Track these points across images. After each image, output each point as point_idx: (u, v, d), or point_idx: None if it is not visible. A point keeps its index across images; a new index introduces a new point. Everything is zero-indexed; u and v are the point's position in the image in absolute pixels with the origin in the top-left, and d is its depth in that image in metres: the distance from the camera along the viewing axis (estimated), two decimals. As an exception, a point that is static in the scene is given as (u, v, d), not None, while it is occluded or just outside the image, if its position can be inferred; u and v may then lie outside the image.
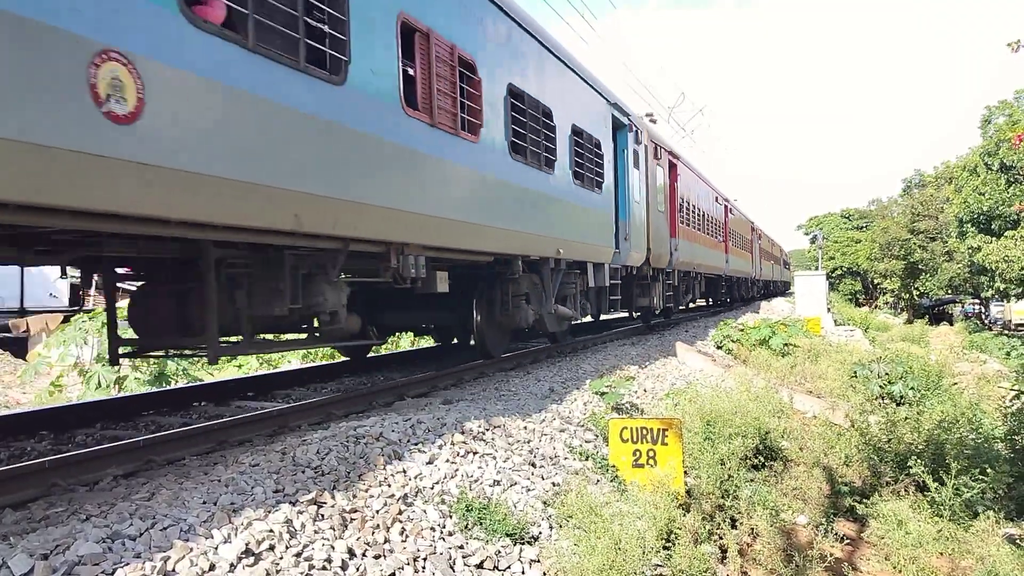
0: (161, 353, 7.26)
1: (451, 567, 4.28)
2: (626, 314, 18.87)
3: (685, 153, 22.07)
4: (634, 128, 15.02)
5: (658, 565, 5.15)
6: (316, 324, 7.14)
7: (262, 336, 7.16)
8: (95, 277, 7.12)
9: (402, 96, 6.86)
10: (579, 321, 14.69)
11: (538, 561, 4.69)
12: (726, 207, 29.55)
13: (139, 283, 6.77)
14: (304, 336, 7.42)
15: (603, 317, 16.47)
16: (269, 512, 4.05)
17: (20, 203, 3.70)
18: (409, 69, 7.22)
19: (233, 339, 6.47)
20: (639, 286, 16.48)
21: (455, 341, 13.69)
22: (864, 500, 8.11)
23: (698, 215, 22.55)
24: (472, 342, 11.66)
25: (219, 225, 4.98)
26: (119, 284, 7.23)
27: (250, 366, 15.76)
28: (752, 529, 6.54)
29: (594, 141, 12.64)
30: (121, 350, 6.66)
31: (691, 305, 26.39)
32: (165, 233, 4.76)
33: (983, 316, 58.17)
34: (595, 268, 12.84)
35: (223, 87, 4.81)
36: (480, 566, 4.42)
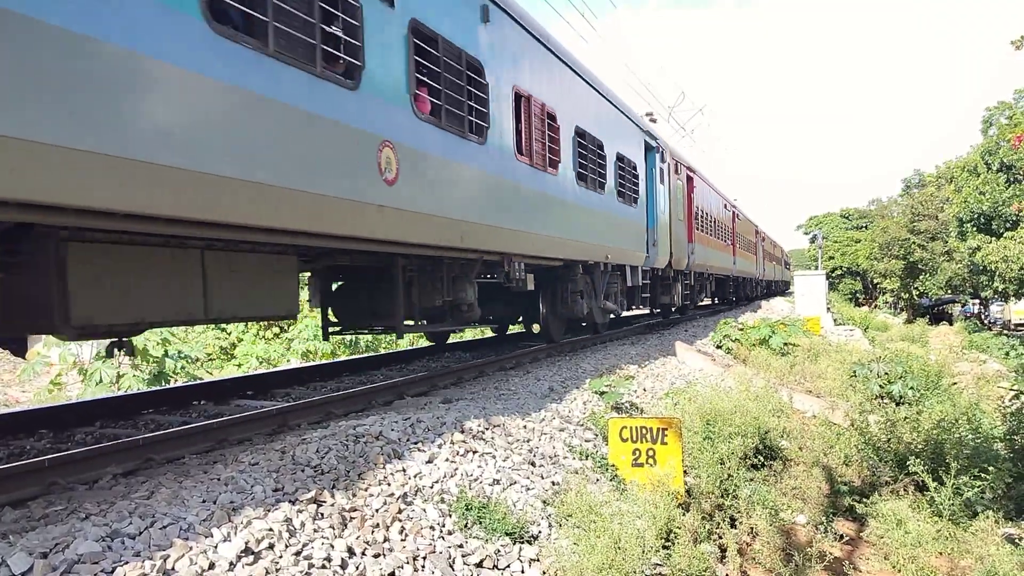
0: (358, 331, 9.36)
1: (450, 566, 4.28)
2: (647, 311, 21.25)
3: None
4: (660, 149, 17.54)
5: (657, 564, 5.15)
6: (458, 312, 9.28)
7: (423, 321, 9.46)
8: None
9: (515, 146, 9.50)
10: (619, 316, 16.97)
11: (537, 560, 4.69)
12: (733, 213, 31.45)
13: (339, 283, 8.92)
14: (447, 321, 9.50)
15: (624, 313, 17.94)
16: (269, 511, 4.05)
17: (336, 234, 6.09)
18: (517, 124, 9.71)
19: (408, 322, 8.47)
20: (662, 285, 18.54)
21: (516, 330, 16.11)
22: (863, 500, 8.12)
23: (710, 221, 24.75)
24: (536, 330, 14.51)
25: (414, 243, 7.29)
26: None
27: (249, 365, 15.77)
28: (751, 528, 6.54)
29: (632, 164, 15.23)
30: (331, 329, 8.88)
31: (704, 302, 28.88)
32: (400, 251, 7.39)
33: (982, 316, 58.19)
34: (631, 270, 15.25)
35: (440, 160, 7.61)
36: (479, 565, 4.43)
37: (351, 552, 3.98)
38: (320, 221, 5.81)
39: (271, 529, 3.83)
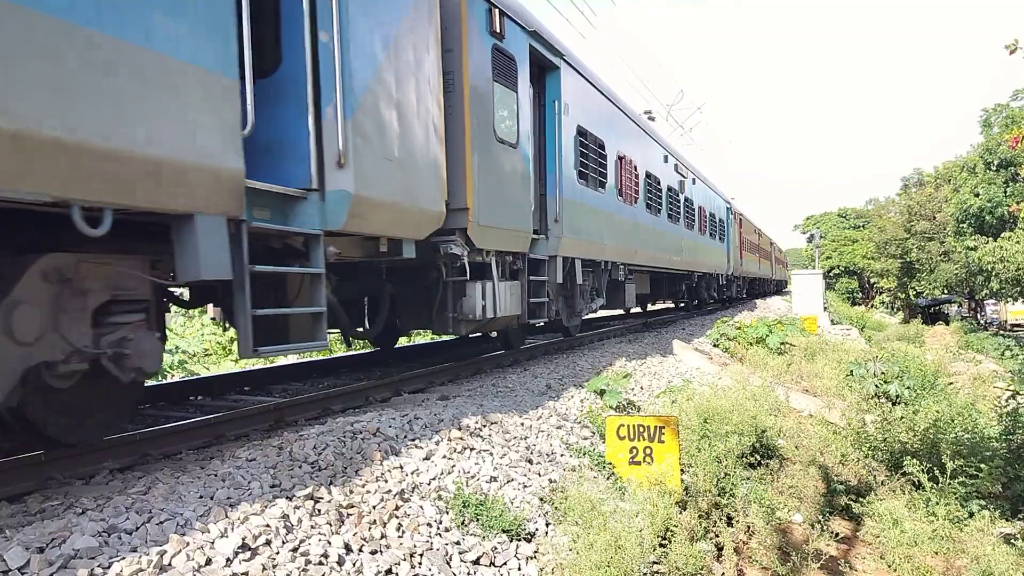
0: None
1: (447, 563, 4.28)
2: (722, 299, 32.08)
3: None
4: (730, 205, 31.72)
5: (654, 563, 5.15)
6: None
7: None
8: None
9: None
10: (712, 302, 29.44)
11: (535, 557, 4.69)
12: (758, 232, 43.59)
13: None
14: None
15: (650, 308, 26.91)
16: (266, 507, 4.04)
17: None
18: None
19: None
20: (727, 285, 31.21)
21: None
22: (859, 499, 8.13)
23: (747, 243, 37.79)
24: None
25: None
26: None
27: (248, 360, 15.74)
28: (748, 527, 6.54)
29: (718, 218, 27.82)
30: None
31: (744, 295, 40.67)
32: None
33: (978, 316, 58.26)
34: (719, 276, 28.52)
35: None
36: (476, 562, 4.42)
37: (348, 549, 3.97)
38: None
39: (268, 525, 3.83)
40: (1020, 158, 29.98)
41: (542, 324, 12.54)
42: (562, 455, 6.61)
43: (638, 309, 23.47)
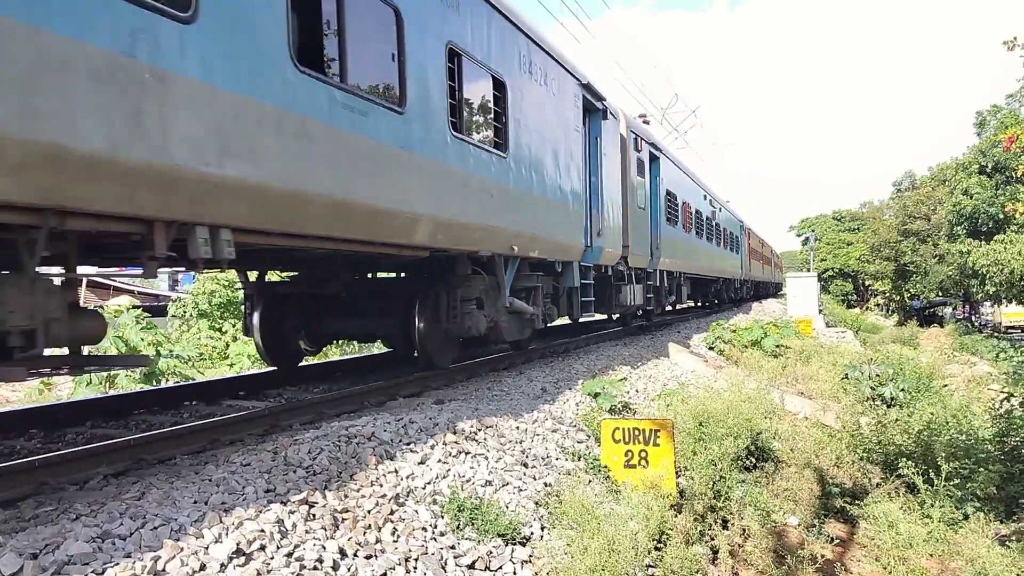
0: None
1: (443, 567, 4.28)
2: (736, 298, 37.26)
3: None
4: (743, 223, 37.04)
5: (650, 566, 5.15)
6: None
7: None
8: None
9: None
10: (729, 301, 33.84)
11: (530, 561, 4.69)
12: (762, 243, 50.07)
13: None
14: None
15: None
16: (260, 512, 4.03)
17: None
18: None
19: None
20: (740, 288, 36.52)
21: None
22: (855, 501, 8.14)
23: (754, 252, 43.93)
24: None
25: None
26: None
27: (242, 365, 15.71)
28: (743, 530, 6.55)
29: (735, 235, 33.62)
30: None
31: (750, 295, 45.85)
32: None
33: (972, 318, 58.41)
34: (739, 282, 34.67)
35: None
36: (472, 566, 4.42)
37: (343, 553, 3.97)
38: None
39: (263, 530, 3.82)
40: (1013, 160, 30.11)
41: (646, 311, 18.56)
42: (557, 459, 6.61)
43: (689, 303, 29.21)
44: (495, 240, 8.91)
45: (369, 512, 4.49)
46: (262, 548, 3.70)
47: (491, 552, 4.61)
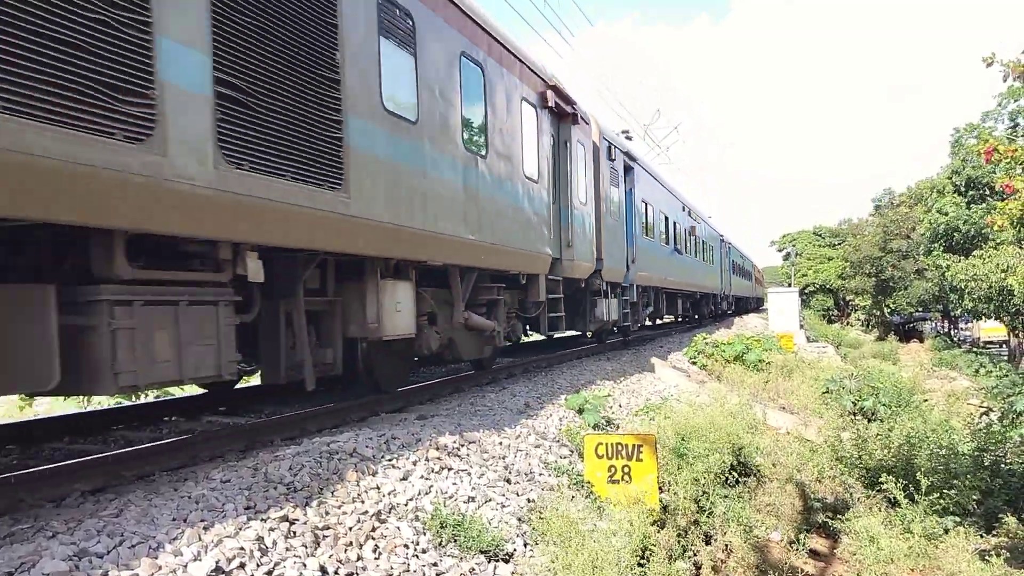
0: None
1: (425, 584, 4.25)
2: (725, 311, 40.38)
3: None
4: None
5: (633, 582, 5.14)
6: None
7: None
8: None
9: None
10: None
11: (513, 578, 4.66)
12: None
13: None
14: None
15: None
16: (240, 529, 3.99)
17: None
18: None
19: None
20: (720, 302, 36.76)
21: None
22: (837, 515, 8.17)
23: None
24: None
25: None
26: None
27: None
28: (726, 545, 6.56)
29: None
30: None
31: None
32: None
33: (951, 333, 58.96)
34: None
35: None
36: (454, 583, 4.39)
37: (324, 571, 3.93)
38: None
39: (242, 548, 3.78)
40: (989, 174, 30.56)
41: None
42: (540, 474, 6.59)
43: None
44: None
45: (351, 529, 4.45)
46: (242, 566, 3.66)
47: (474, 569, 4.58)
